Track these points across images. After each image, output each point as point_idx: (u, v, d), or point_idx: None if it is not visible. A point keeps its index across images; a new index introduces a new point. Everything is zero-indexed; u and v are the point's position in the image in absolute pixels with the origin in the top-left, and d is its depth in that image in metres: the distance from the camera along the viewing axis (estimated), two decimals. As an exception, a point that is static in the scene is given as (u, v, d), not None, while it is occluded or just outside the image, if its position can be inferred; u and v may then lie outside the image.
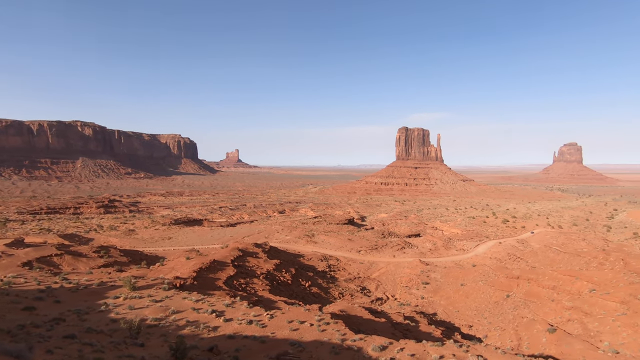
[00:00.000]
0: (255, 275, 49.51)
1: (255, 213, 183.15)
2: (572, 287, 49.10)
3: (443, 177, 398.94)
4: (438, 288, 63.88)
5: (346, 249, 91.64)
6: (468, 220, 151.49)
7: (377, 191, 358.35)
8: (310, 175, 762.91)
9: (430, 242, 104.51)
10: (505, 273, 64.10)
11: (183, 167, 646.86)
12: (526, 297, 51.02)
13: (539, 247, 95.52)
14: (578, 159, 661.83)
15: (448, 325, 47.53)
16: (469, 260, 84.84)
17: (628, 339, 33.90)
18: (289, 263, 63.48)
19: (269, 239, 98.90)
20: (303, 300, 46.71)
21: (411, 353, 19.43)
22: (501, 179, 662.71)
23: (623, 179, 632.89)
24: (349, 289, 62.45)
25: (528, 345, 37.18)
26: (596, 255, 75.50)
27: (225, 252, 53.76)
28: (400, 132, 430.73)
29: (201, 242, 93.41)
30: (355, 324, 31.03)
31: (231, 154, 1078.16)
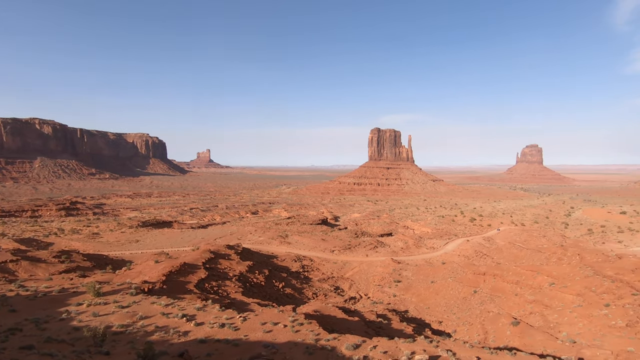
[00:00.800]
0: (228, 277, 48.64)
1: (227, 214, 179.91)
2: (533, 282, 51.68)
3: (414, 177, 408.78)
4: (409, 286, 65.38)
5: (320, 249, 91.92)
6: (438, 219, 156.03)
7: (350, 191, 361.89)
8: (283, 176, 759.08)
9: (402, 241, 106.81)
10: (472, 270, 66.58)
11: (151, 168, 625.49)
12: (492, 292, 53.16)
13: (504, 244, 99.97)
14: (539, 160, 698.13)
15: (419, 321, 48.73)
16: (438, 258, 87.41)
17: (584, 329, 36.09)
18: (262, 264, 62.86)
19: (241, 240, 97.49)
20: (277, 301, 46.41)
21: (384, 350, 19.76)
22: (469, 179, 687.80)
23: (579, 179, 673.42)
24: (323, 288, 62.67)
25: (494, 338, 38.78)
26: (555, 250, 79.99)
27: (196, 255, 52.46)
28: (372, 133, 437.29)
29: (171, 245, 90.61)
30: (329, 324, 31.17)
31: (202, 154, 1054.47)
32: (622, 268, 48.67)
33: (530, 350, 31.35)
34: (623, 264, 50.88)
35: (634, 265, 49.01)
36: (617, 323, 35.19)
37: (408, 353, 19.00)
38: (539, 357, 21.00)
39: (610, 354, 29.19)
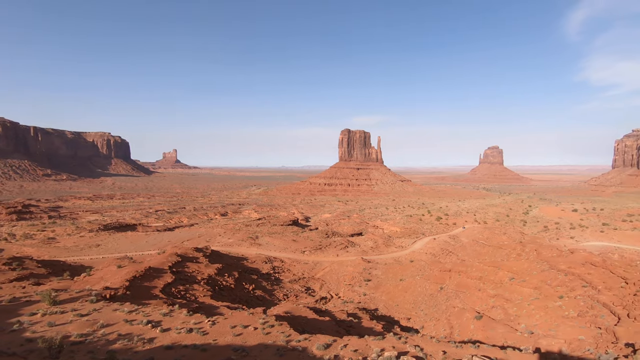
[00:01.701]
0: (196, 281, 47.34)
1: (195, 216, 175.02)
2: (495, 277, 54.22)
3: (383, 177, 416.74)
4: (379, 284, 66.57)
5: (291, 250, 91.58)
6: (406, 219, 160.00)
7: (321, 192, 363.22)
8: (253, 177, 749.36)
9: (372, 241, 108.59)
10: (439, 267, 68.81)
11: (113, 168, 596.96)
12: (457, 288, 55.22)
13: (468, 242, 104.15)
14: (500, 161, 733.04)
15: (388, 319, 49.73)
16: (407, 257, 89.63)
17: (540, 320, 38.33)
18: (231, 267, 61.71)
19: (210, 242, 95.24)
20: (247, 304, 45.71)
21: (354, 349, 19.99)
22: (435, 179, 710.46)
23: (535, 179, 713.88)
24: (294, 289, 62.46)
25: (459, 332, 40.31)
26: (515, 247, 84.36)
27: (162, 258, 50.66)
28: (343, 134, 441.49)
29: (135, 249, 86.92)
30: (300, 325, 31.11)
31: (168, 154, 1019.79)
32: (574, 262, 52.10)
33: (492, 342, 32.84)
34: (575, 258, 54.48)
35: (584, 259, 52.61)
36: (569, 313, 37.63)
37: (378, 350, 19.35)
38: (500, 348, 22.05)
39: (564, 342, 31.16)
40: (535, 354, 20.98)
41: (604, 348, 27.49)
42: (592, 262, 50.66)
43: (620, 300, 37.67)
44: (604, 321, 33.98)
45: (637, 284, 39.38)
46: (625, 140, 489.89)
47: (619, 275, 44.12)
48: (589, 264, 50.04)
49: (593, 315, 36.01)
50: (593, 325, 33.84)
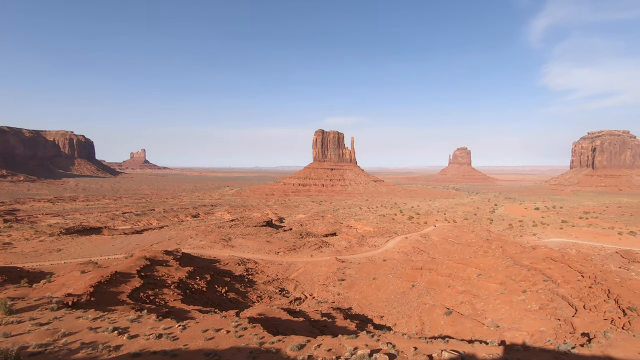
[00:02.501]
0: (166, 285, 45.93)
1: (165, 218, 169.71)
2: (464, 274, 56.13)
3: (357, 178, 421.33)
4: (353, 283, 67.23)
5: (264, 251, 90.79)
6: (379, 218, 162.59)
7: (295, 192, 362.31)
8: (226, 177, 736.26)
9: (346, 240, 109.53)
10: (410, 265, 70.41)
11: (77, 169, 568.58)
12: (428, 286, 56.69)
13: (438, 240, 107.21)
14: (468, 162, 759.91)
15: (362, 318, 50.32)
16: (380, 255, 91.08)
17: (505, 314, 40.04)
18: (203, 269, 60.36)
19: (181, 245, 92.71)
20: (219, 307, 44.86)
21: (328, 348, 20.09)
22: (407, 179, 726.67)
23: (501, 179, 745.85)
24: (268, 291, 61.95)
25: (430, 329, 41.40)
26: (482, 244, 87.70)
27: (130, 262, 48.79)
28: (317, 134, 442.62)
29: (100, 253, 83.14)
30: (274, 326, 30.91)
31: (137, 154, 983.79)
32: (536, 258, 54.84)
33: (461, 337, 33.99)
34: (536, 254, 57.32)
35: (545, 255, 55.46)
36: (532, 307, 39.57)
37: (351, 349, 19.54)
38: (468, 342, 22.87)
39: (527, 334, 32.74)
40: (501, 346, 21.91)
41: (562, 338, 29.13)
42: (552, 258, 53.49)
43: (577, 292, 40.02)
44: (563, 313, 36.00)
45: (592, 277, 41.98)
46: (581, 143, 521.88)
47: (576, 269, 46.84)
48: (549, 259, 52.81)
49: (553, 307, 38.05)
50: (553, 317, 35.76)
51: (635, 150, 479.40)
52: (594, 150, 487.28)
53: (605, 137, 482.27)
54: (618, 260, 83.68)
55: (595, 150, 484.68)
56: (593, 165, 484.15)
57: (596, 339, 21.70)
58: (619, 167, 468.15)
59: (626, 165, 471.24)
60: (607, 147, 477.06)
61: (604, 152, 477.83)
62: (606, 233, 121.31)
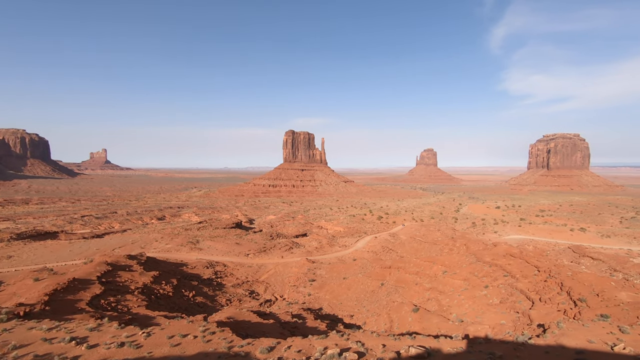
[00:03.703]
0: (129, 290, 44.01)
1: (128, 221, 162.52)
2: (430, 271, 57.96)
3: (327, 178, 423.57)
4: (323, 284, 67.52)
5: (234, 254, 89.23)
6: (349, 218, 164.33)
7: (265, 193, 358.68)
8: (194, 178, 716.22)
9: (316, 241, 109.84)
10: (379, 264, 71.74)
11: (30, 170, 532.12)
12: (397, 284, 58.04)
13: (406, 239, 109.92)
14: (434, 163, 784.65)
15: (332, 317, 50.65)
16: (350, 255, 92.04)
17: (469, 309, 41.75)
18: (169, 274, 58.43)
19: (145, 249, 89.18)
20: (187, 312, 43.58)
21: (298, 349, 20.06)
22: (376, 179, 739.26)
23: (465, 179, 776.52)
24: (237, 294, 60.90)
25: (398, 326, 42.38)
26: (447, 242, 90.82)
27: (90, 268, 46.33)
28: (287, 135, 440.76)
29: (56, 259, 78.24)
30: (244, 329, 30.44)
31: (97, 155, 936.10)
32: (497, 254, 57.62)
33: (427, 332, 35.06)
34: (497, 251, 60.25)
35: (505, 252, 58.39)
36: (493, 301, 41.49)
37: (321, 349, 19.62)
38: (434, 337, 23.62)
39: (489, 327, 34.29)
40: (464, 340, 22.80)
41: (520, 330, 30.78)
42: (511, 254, 56.43)
43: (534, 286, 42.46)
44: (521, 306, 38.05)
45: (547, 272, 44.69)
46: (537, 145, 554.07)
47: (532, 264, 49.69)
48: (509, 256, 55.67)
49: (512, 301, 40.14)
50: (512, 310, 37.72)
51: (585, 152, 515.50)
52: (548, 152, 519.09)
53: (558, 139, 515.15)
54: (570, 255, 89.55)
55: (549, 152, 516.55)
56: (548, 166, 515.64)
57: (550, 330, 23.10)
58: (570, 168, 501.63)
59: (577, 166, 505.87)
60: (560, 149, 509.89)
61: (557, 154, 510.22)
62: (560, 230, 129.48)
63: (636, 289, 37.29)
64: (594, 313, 30.30)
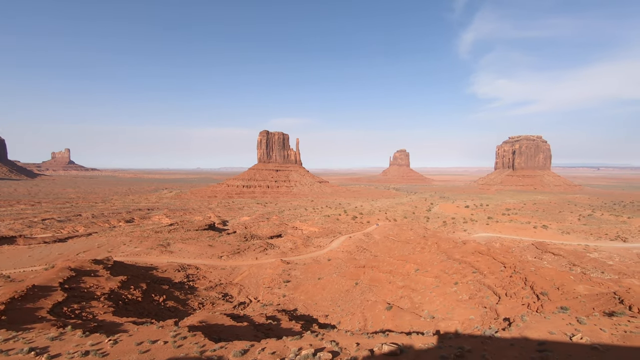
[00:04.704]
0: (95, 297, 42.11)
1: (94, 224, 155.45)
2: (403, 269, 59.16)
3: (302, 179, 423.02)
4: (298, 284, 67.38)
5: (207, 256, 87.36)
6: (324, 219, 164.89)
7: (239, 194, 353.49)
8: (165, 179, 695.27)
9: (291, 242, 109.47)
10: (354, 264, 72.45)
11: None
12: (371, 283, 58.84)
13: (380, 238, 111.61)
14: (407, 163, 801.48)
15: (307, 318, 50.63)
16: (324, 255, 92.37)
17: (440, 305, 42.95)
18: (138, 278, 56.40)
19: (113, 252, 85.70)
20: (157, 317, 42.24)
21: (272, 351, 19.90)
22: (351, 180, 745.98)
23: (436, 179, 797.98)
24: (210, 297, 59.66)
25: (372, 324, 42.96)
26: (419, 241, 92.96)
27: (51, 274, 43.96)
28: (261, 135, 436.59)
29: (14, 265, 73.67)
30: (217, 333, 29.86)
31: (59, 155, 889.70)
32: (466, 252, 59.62)
33: (400, 329, 35.76)
34: (466, 249, 62.35)
35: (473, 249, 60.51)
36: (463, 297, 42.88)
37: (295, 350, 19.57)
38: (406, 334, 24.12)
39: (458, 323, 35.41)
40: (435, 335, 23.43)
41: (488, 324, 32.01)
42: (479, 251, 58.57)
43: (500, 282, 44.27)
44: (489, 301, 39.56)
45: (512, 268, 46.71)
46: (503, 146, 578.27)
47: (499, 261, 51.81)
48: (477, 253, 57.74)
49: (480, 296, 41.65)
50: (480, 305, 39.13)
51: (546, 154, 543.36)
52: (513, 153, 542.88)
53: (522, 141, 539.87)
54: (533, 251, 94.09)
55: (515, 153, 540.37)
56: (513, 166, 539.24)
57: (515, 323, 24.16)
58: (534, 168, 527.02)
59: (539, 166, 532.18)
60: (525, 150, 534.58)
61: (522, 155, 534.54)
62: (524, 227, 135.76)
63: (592, 282, 39.71)
64: (555, 306, 31.98)
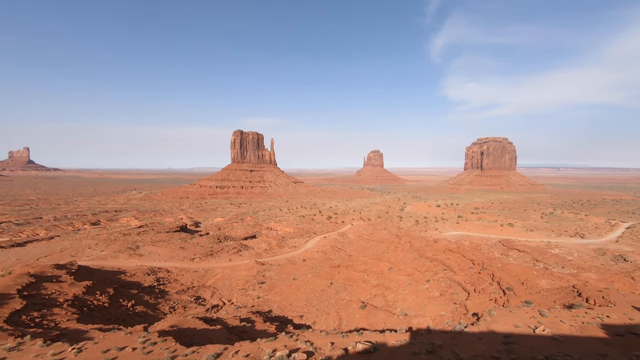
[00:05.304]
0: (57, 304, 39.97)
1: (56, 227, 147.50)
2: (377, 268, 60.02)
3: (277, 179, 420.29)
4: (273, 285, 66.88)
5: (178, 259, 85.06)
6: (299, 219, 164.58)
7: (212, 195, 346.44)
8: (134, 179, 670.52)
9: (266, 243, 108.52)
10: (329, 263, 72.76)
11: None
12: (345, 282, 59.29)
13: (354, 238, 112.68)
14: (381, 164, 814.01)
15: (282, 319, 50.35)
16: (300, 256, 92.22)
17: (412, 302, 43.91)
18: (105, 283, 54.07)
19: (77, 256, 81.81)
20: (125, 323, 40.63)
21: (246, 354, 19.64)
22: (325, 180, 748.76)
23: (409, 179, 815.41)
24: (182, 300, 58.10)
25: (347, 323, 43.31)
26: (393, 240, 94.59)
27: (8, 281, 41.35)
28: (235, 135, 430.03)
29: (-34, 272, 68.63)
30: (188, 337, 29.11)
31: (17, 154, 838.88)
32: (437, 250, 61.27)
33: (374, 327, 36.25)
34: (438, 247, 64.08)
35: (444, 247, 62.27)
36: (434, 294, 44.03)
37: (269, 352, 19.41)
38: (380, 332, 24.50)
39: (430, 319, 36.31)
40: (408, 332, 23.95)
41: (458, 319, 33.05)
42: (450, 249, 60.36)
43: (469, 278, 45.82)
44: (459, 297, 40.84)
45: (480, 264, 48.47)
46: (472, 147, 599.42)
47: (468, 258, 53.61)
48: (448, 251, 59.48)
49: (451, 293, 42.94)
50: (451, 301, 40.34)
51: (512, 155, 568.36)
52: (482, 154, 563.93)
53: (490, 143, 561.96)
54: (500, 248, 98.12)
55: (483, 154, 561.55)
56: (481, 167, 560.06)
57: (483, 317, 25.09)
58: (500, 169, 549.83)
59: (505, 167, 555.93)
60: (492, 151, 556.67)
61: (489, 155, 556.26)
62: (491, 225, 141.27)
63: (554, 276, 41.90)
64: (520, 300, 33.47)
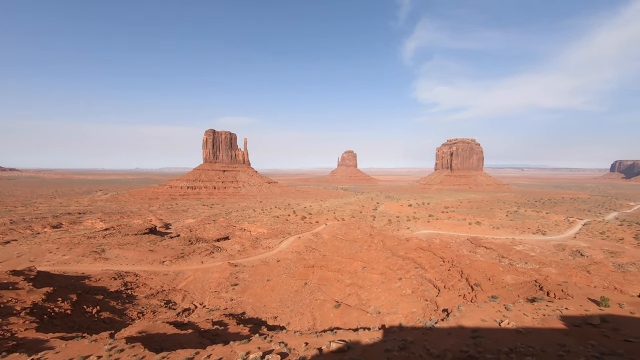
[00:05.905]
0: (13, 312, 37.59)
1: (13, 231, 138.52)
2: (351, 268, 60.57)
3: (250, 179, 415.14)
4: (246, 287, 66.00)
5: (147, 262, 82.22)
6: (273, 220, 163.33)
7: (183, 195, 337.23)
8: (99, 180, 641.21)
9: (239, 244, 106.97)
10: (303, 264, 72.68)
11: None
12: (319, 282, 59.42)
13: (328, 238, 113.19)
14: (354, 164, 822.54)
15: (256, 321, 49.78)
16: (274, 257, 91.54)
17: (385, 300, 44.66)
18: (67, 289, 51.42)
19: (36, 262, 77.33)
20: (90, 330, 38.78)
21: (218, 357, 19.28)
22: (300, 180, 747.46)
23: (382, 179, 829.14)
24: (151, 305, 56.18)
25: (321, 323, 43.43)
26: (366, 239, 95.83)
27: (-42, 289, 38.45)
28: (207, 134, 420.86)
29: None
30: (158, 343, 28.19)
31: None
32: (409, 248, 62.64)
33: (348, 326, 36.57)
34: (409, 245, 65.53)
35: (416, 246, 63.78)
36: (406, 292, 44.99)
37: (243, 354, 19.14)
38: (354, 331, 24.76)
39: (402, 316, 37.07)
40: (381, 330, 24.34)
41: (429, 316, 33.95)
42: (421, 247, 61.89)
43: (440, 275, 47.16)
44: (429, 294, 41.96)
45: (450, 262, 50.01)
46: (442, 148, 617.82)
47: (439, 256, 55.18)
48: (419, 249, 60.96)
49: (422, 290, 44.04)
50: (422, 298, 41.37)
51: (479, 156, 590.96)
52: (451, 155, 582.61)
53: (459, 144, 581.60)
54: (469, 246, 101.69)
55: (452, 155, 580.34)
56: (451, 167, 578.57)
57: (452, 313, 25.90)
58: (468, 169, 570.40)
59: (473, 167, 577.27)
60: (461, 152, 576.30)
61: (458, 156, 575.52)
62: (460, 224, 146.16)
63: (518, 272, 43.91)
64: (487, 295, 34.84)
